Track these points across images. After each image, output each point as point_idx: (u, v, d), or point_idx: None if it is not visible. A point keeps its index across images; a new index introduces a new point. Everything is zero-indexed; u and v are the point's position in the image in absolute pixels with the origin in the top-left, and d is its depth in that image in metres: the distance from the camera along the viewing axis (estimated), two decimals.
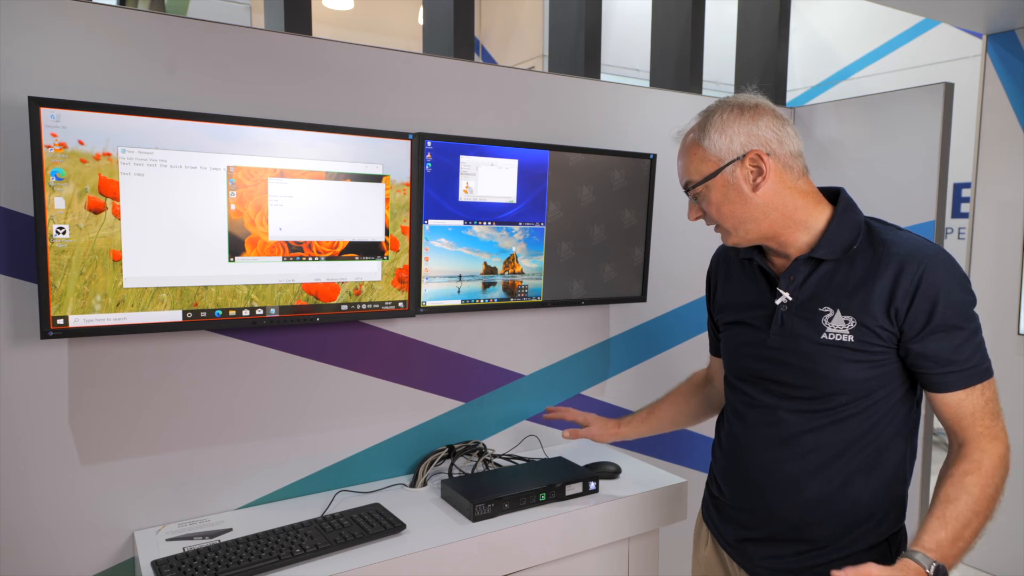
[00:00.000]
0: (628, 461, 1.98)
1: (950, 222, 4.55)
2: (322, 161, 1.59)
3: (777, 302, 1.28)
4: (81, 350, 1.45)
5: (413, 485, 1.80)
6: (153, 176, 1.41)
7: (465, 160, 1.80)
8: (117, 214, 1.38)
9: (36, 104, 1.28)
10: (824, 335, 1.21)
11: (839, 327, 1.20)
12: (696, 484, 2.01)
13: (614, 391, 2.26)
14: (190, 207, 1.45)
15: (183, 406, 1.57)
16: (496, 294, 1.92)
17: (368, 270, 1.69)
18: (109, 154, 1.36)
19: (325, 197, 1.61)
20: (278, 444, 1.69)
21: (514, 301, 1.95)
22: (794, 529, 1.28)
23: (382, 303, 1.72)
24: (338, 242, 1.64)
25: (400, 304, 1.75)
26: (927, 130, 2.33)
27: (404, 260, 1.74)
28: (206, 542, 1.46)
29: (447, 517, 1.62)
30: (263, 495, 1.68)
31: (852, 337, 1.19)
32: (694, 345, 2.39)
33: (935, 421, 2.02)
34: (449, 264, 1.83)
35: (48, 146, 1.30)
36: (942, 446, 1.26)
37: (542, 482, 1.71)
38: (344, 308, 1.67)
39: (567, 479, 1.73)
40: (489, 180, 1.85)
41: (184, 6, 3.72)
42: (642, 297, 2.18)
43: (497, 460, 1.93)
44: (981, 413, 1.16)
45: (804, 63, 5.76)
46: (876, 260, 1.19)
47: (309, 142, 1.57)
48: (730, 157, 1.23)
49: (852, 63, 5.54)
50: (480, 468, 1.87)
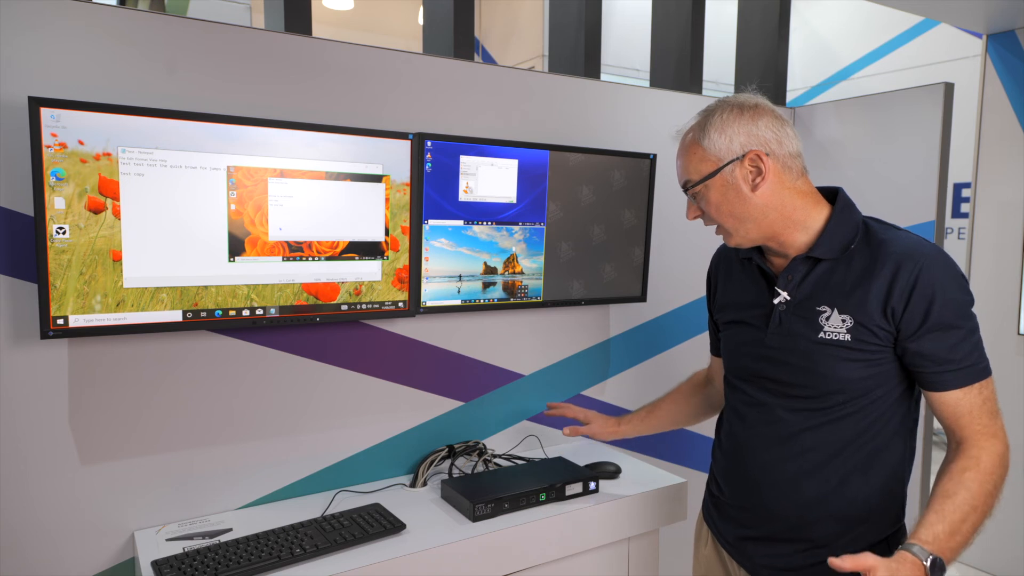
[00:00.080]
0: (628, 461, 1.98)
1: (950, 222, 4.54)
2: (322, 161, 1.59)
3: (775, 301, 1.28)
4: (81, 350, 1.45)
5: (413, 485, 1.80)
6: (153, 176, 1.41)
7: (465, 160, 1.80)
8: (117, 214, 1.38)
9: (36, 104, 1.28)
10: (821, 334, 1.22)
11: (836, 326, 1.21)
12: (696, 484, 2.01)
13: (614, 391, 2.26)
14: (190, 207, 1.45)
15: (183, 406, 1.57)
16: (496, 294, 1.92)
17: (368, 270, 1.69)
18: (109, 154, 1.36)
19: (325, 197, 1.61)
20: (278, 444, 1.69)
21: (514, 301, 1.95)
22: (793, 528, 1.28)
23: (382, 303, 1.72)
24: (338, 242, 1.64)
25: (400, 304, 1.75)
26: (927, 130, 2.33)
27: (404, 260, 1.74)
28: (206, 542, 1.47)
29: (447, 517, 1.62)
30: (263, 495, 1.68)
31: (849, 336, 1.19)
32: (694, 345, 2.40)
33: (935, 421, 2.02)
34: (449, 264, 1.83)
35: (48, 146, 1.30)
36: (942, 446, 1.26)
37: (542, 482, 1.71)
38: (344, 308, 1.67)
39: (567, 479, 1.73)
40: (489, 180, 1.85)
41: (184, 6, 3.72)
42: (642, 297, 2.18)
43: (497, 460, 1.93)
44: (979, 412, 1.16)
45: (804, 63, 5.76)
46: (873, 260, 1.20)
47: (309, 142, 1.57)
48: (729, 157, 1.23)
49: (852, 63, 5.54)
50: (480, 468, 1.87)
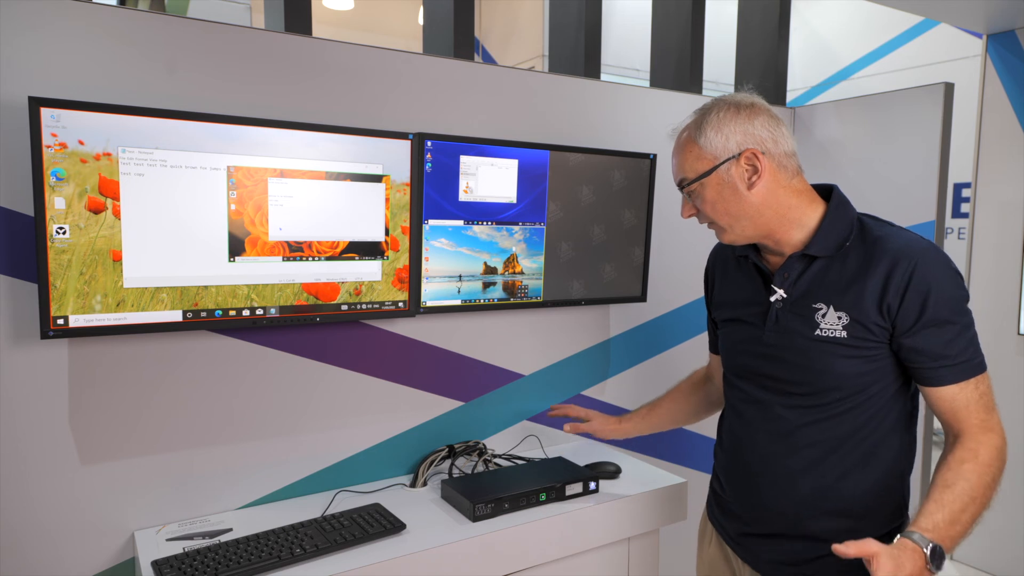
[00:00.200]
0: (628, 461, 1.98)
1: (950, 222, 4.54)
2: (322, 161, 1.59)
3: (772, 299, 1.29)
4: (81, 350, 1.45)
5: (413, 485, 1.80)
6: (153, 176, 1.41)
7: (465, 160, 1.80)
8: (117, 214, 1.38)
9: (36, 104, 1.28)
10: (818, 331, 1.22)
11: (832, 323, 1.21)
12: (696, 484, 2.01)
13: (614, 391, 2.26)
14: (190, 207, 1.45)
15: (183, 406, 1.57)
16: (496, 294, 1.92)
17: (368, 270, 1.69)
18: (109, 154, 1.36)
19: (325, 197, 1.61)
20: (278, 444, 1.69)
21: (514, 301, 1.95)
22: (793, 524, 1.29)
23: (382, 303, 1.72)
24: (338, 242, 1.64)
25: (400, 304, 1.75)
26: (927, 130, 2.33)
27: (404, 260, 1.74)
28: (206, 542, 1.47)
29: (447, 517, 1.62)
30: (263, 495, 1.68)
31: (845, 333, 1.20)
32: (694, 345, 2.40)
33: (935, 421, 2.02)
34: (449, 264, 1.83)
35: (48, 146, 1.30)
36: (942, 446, 1.27)
37: (542, 482, 1.71)
38: (344, 308, 1.67)
39: (567, 479, 1.73)
40: (489, 180, 1.85)
41: (184, 6, 3.72)
42: (642, 297, 2.18)
43: (497, 460, 1.93)
44: (976, 407, 1.17)
45: (804, 63, 5.76)
46: (868, 257, 1.20)
47: (309, 142, 1.57)
48: (726, 155, 1.23)
49: (852, 63, 5.53)
50: (480, 468, 1.87)
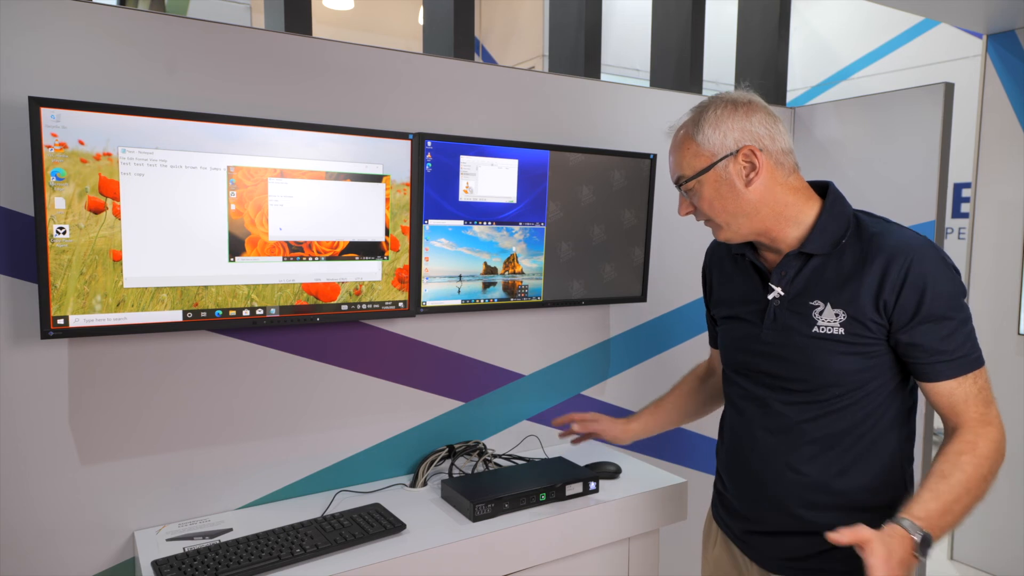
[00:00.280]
0: (628, 461, 1.98)
1: (950, 222, 4.54)
2: (322, 161, 1.59)
3: (769, 297, 1.29)
4: (81, 350, 1.45)
5: (413, 485, 1.80)
6: (153, 176, 1.41)
7: (465, 160, 1.80)
8: (117, 214, 1.38)
9: (36, 104, 1.28)
10: (815, 328, 1.23)
11: (829, 320, 1.22)
12: (696, 484, 2.01)
13: (614, 391, 2.26)
14: (190, 207, 1.45)
15: (183, 406, 1.57)
16: (496, 294, 1.92)
17: (368, 270, 1.69)
18: (109, 154, 1.36)
19: (325, 197, 1.61)
20: (278, 444, 1.69)
21: (514, 301, 1.95)
22: (795, 520, 1.29)
23: (382, 303, 1.72)
24: (338, 242, 1.64)
25: (400, 304, 1.75)
26: (927, 130, 2.33)
27: (404, 260, 1.74)
28: (206, 542, 1.47)
29: (447, 517, 1.62)
30: (263, 495, 1.68)
31: (842, 330, 1.21)
32: (694, 345, 2.39)
33: (936, 421, 2.02)
34: (449, 264, 1.83)
35: (48, 146, 1.30)
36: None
37: (542, 482, 1.71)
38: (344, 308, 1.67)
39: (567, 479, 1.73)
40: (489, 180, 1.85)
41: (184, 6, 3.72)
42: (642, 297, 2.18)
43: (497, 460, 1.93)
44: (974, 401, 1.18)
45: (804, 63, 5.75)
46: (864, 254, 1.21)
47: (309, 142, 1.57)
48: (724, 152, 1.23)
49: (852, 63, 5.53)
50: (480, 468, 1.87)
